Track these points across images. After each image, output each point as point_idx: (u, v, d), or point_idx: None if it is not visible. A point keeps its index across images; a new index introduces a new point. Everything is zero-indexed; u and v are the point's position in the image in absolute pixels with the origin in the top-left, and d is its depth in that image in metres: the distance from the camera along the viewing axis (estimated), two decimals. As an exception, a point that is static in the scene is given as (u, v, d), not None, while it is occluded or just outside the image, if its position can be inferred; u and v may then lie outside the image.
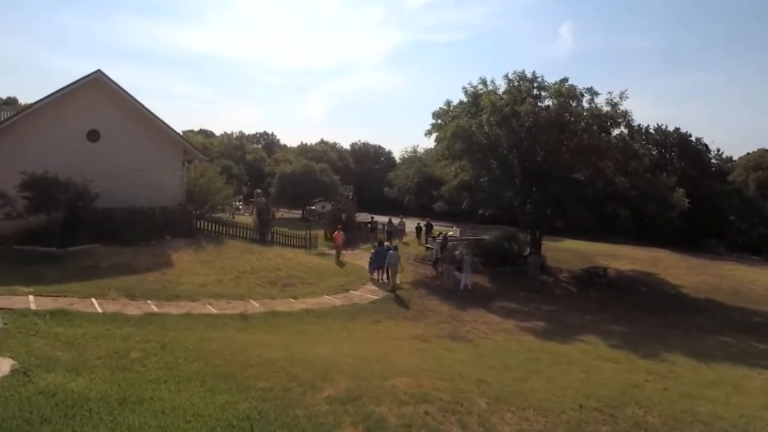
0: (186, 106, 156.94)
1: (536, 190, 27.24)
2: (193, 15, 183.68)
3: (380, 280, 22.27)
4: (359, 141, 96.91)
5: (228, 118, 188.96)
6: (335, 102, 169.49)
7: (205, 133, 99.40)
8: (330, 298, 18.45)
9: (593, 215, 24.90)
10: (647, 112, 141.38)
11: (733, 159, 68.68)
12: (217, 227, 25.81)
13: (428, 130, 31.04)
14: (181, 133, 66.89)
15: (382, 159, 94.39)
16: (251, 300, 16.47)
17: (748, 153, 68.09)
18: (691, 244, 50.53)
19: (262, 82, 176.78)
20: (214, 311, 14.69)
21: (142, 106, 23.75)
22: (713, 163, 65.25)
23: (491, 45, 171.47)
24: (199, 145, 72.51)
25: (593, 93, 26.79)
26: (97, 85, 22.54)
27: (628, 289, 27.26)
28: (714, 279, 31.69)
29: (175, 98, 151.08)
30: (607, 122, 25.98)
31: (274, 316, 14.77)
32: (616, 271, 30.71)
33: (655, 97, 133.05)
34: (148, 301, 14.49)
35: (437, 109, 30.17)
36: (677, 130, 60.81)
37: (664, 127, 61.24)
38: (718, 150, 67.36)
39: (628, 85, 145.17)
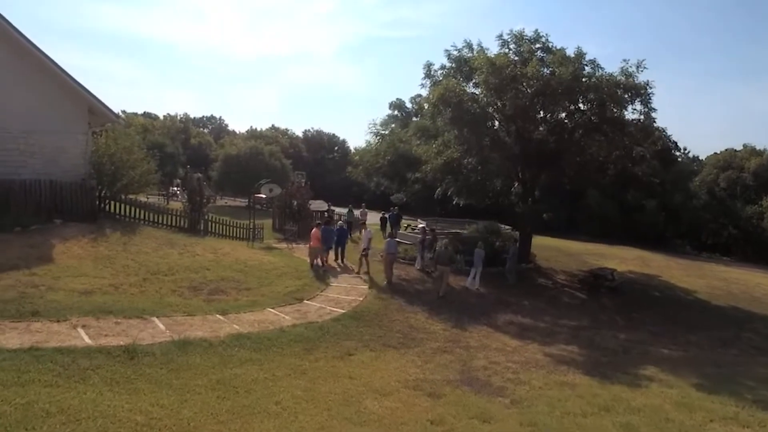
0: (132, 92, 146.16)
1: (544, 175, 22.00)
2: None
3: (323, 264, 18.66)
4: (312, 128, 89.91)
5: (176, 105, 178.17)
6: (287, 93, 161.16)
7: (149, 116, 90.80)
8: (275, 312, 12.66)
9: (616, 206, 19.96)
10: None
11: (700, 158, 66.59)
12: (133, 211, 19.71)
13: (384, 120, 26.46)
14: (121, 113, 59.18)
15: (336, 148, 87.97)
16: (155, 318, 10.69)
17: (715, 153, 66.00)
18: (659, 243, 47.27)
19: (212, 70, 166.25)
20: (86, 341, 8.95)
21: (34, 45, 17.32)
22: (680, 162, 62.78)
23: (449, 43, 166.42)
24: (140, 126, 65.57)
25: (596, 66, 21.92)
26: (-37, 11, 16.31)
27: (641, 295, 22.67)
28: (719, 282, 28.05)
29: (122, 83, 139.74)
30: (627, 94, 21.01)
31: (184, 350, 8.97)
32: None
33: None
34: (-18, 321, 9.03)
35: (394, 99, 25.76)
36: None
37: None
38: (685, 148, 64.91)
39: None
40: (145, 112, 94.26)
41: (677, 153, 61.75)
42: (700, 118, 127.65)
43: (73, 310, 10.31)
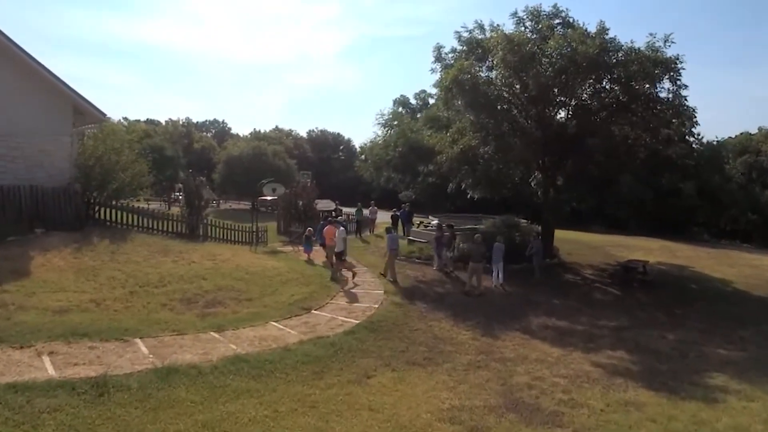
0: (134, 100, 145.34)
1: (569, 162, 20.21)
2: (143, 7, 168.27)
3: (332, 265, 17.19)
4: (317, 128, 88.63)
5: (179, 112, 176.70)
6: (291, 98, 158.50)
7: (152, 122, 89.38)
8: (280, 326, 11.03)
9: (650, 191, 18.18)
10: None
11: (716, 143, 64.53)
12: (125, 217, 18.15)
13: (389, 116, 25.20)
14: (123, 120, 57.65)
15: (342, 148, 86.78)
16: (138, 339, 9.10)
17: (730, 137, 64.02)
18: (680, 231, 45.18)
19: (215, 76, 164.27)
20: (50, 372, 7.41)
21: (10, 40, 15.80)
22: (695, 148, 60.67)
23: (451, 40, 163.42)
24: (142, 132, 64.00)
25: (618, 44, 20.11)
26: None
27: (677, 289, 20.89)
28: (751, 270, 26.16)
29: (124, 92, 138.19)
30: (656, 70, 19.17)
31: (167, 381, 7.37)
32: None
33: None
34: (-74, 350, 7.64)
35: (398, 96, 24.26)
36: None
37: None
38: (698, 134, 62.83)
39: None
40: (148, 119, 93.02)
41: (691, 139, 60.34)
42: (707, 104, 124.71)
43: (41, 333, 8.79)
